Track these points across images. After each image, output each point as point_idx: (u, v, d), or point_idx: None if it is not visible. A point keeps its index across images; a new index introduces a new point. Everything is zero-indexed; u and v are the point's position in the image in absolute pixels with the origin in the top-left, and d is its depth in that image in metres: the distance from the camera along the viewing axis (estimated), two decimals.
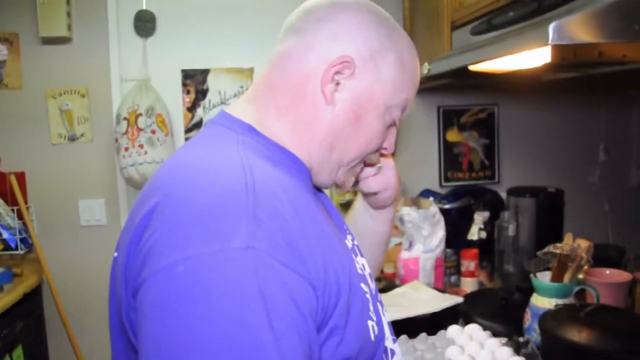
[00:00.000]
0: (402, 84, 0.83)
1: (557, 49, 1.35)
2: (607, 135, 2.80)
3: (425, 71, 1.84)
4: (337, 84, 0.79)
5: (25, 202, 2.57)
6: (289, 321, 0.59)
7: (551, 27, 1.10)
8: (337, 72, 0.79)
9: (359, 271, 0.81)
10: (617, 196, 2.78)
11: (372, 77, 0.80)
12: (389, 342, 0.87)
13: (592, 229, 2.47)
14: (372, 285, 0.87)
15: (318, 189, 0.91)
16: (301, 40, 0.81)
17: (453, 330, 1.51)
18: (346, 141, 0.82)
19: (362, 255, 0.90)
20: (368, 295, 0.79)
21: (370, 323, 0.76)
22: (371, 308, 0.78)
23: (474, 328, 1.52)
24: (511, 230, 2.05)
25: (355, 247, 0.90)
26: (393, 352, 0.87)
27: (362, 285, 0.78)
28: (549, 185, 2.24)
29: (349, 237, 0.91)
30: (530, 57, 1.42)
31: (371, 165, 0.96)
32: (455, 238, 2.23)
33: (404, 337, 1.46)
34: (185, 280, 0.57)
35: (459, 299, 1.80)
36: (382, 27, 0.81)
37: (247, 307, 0.57)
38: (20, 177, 2.58)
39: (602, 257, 2.02)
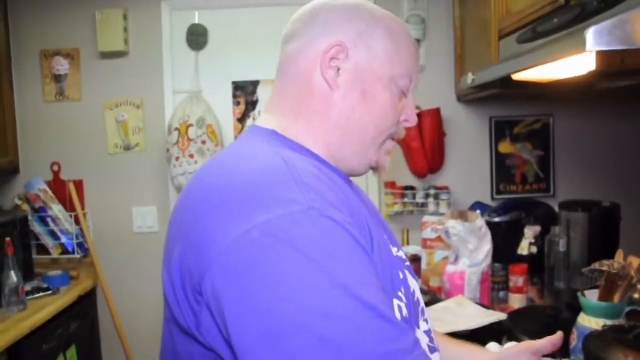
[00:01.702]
0: (398, 53, 0.86)
1: (602, 56, 1.29)
2: None
3: (469, 81, 1.80)
4: (337, 69, 0.84)
5: (83, 209, 2.68)
6: (361, 265, 0.65)
7: (588, 33, 1.05)
8: (332, 58, 0.83)
9: (395, 253, 0.84)
10: None
11: (366, 53, 0.84)
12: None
13: None
14: (410, 277, 0.87)
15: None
16: (296, 44, 0.87)
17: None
18: (361, 120, 0.84)
19: (398, 249, 0.91)
20: (401, 276, 0.81)
21: (396, 302, 0.76)
22: (402, 290, 0.79)
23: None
24: (562, 246, 1.96)
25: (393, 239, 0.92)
26: None
27: (399, 262, 0.83)
28: (608, 199, 2.12)
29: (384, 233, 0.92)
30: (575, 64, 1.37)
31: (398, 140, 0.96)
32: (505, 252, 2.15)
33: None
34: (263, 243, 0.62)
35: (502, 316, 1.74)
36: (362, 10, 0.86)
37: (323, 256, 0.62)
38: (79, 184, 2.70)
39: None
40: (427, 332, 0.89)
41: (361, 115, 0.84)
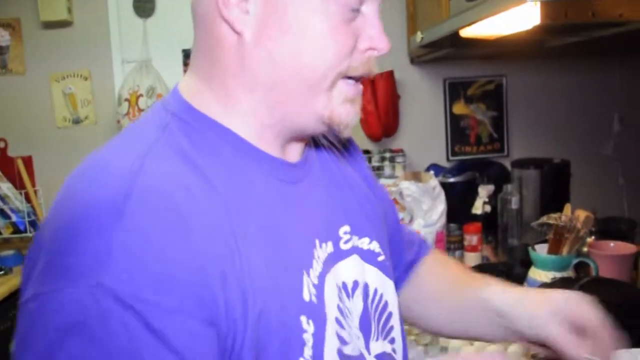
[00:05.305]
0: None
1: (546, 10, 1.29)
2: (622, 104, 2.69)
3: (418, 40, 1.79)
4: (245, 4, 0.62)
5: (33, 186, 2.60)
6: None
7: None
8: None
9: (306, 298, 0.64)
10: (634, 168, 2.68)
11: None
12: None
13: (606, 203, 2.39)
14: (338, 313, 0.69)
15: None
16: None
17: None
18: (287, 65, 0.63)
19: (372, 261, 0.77)
20: (307, 335, 0.62)
21: None
22: (306, 351, 0.62)
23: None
24: (514, 203, 1.99)
25: (337, 254, 0.73)
26: None
27: (302, 318, 0.62)
28: (559, 155, 2.17)
29: (346, 235, 0.75)
30: (521, 19, 1.36)
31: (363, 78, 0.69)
32: (460, 212, 2.18)
33: None
34: (32, 320, 0.52)
35: None
36: None
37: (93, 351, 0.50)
38: (28, 161, 2.62)
39: (613, 229, 1.97)
40: (380, 356, 0.75)
41: (286, 59, 0.63)
